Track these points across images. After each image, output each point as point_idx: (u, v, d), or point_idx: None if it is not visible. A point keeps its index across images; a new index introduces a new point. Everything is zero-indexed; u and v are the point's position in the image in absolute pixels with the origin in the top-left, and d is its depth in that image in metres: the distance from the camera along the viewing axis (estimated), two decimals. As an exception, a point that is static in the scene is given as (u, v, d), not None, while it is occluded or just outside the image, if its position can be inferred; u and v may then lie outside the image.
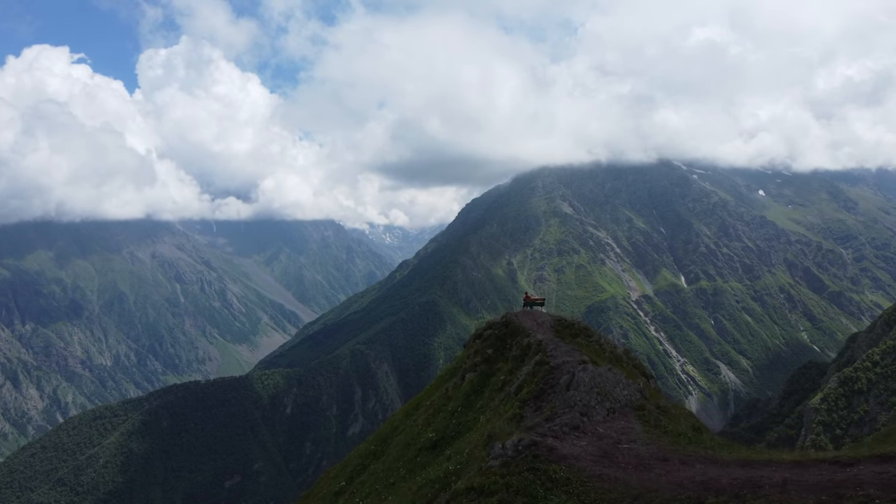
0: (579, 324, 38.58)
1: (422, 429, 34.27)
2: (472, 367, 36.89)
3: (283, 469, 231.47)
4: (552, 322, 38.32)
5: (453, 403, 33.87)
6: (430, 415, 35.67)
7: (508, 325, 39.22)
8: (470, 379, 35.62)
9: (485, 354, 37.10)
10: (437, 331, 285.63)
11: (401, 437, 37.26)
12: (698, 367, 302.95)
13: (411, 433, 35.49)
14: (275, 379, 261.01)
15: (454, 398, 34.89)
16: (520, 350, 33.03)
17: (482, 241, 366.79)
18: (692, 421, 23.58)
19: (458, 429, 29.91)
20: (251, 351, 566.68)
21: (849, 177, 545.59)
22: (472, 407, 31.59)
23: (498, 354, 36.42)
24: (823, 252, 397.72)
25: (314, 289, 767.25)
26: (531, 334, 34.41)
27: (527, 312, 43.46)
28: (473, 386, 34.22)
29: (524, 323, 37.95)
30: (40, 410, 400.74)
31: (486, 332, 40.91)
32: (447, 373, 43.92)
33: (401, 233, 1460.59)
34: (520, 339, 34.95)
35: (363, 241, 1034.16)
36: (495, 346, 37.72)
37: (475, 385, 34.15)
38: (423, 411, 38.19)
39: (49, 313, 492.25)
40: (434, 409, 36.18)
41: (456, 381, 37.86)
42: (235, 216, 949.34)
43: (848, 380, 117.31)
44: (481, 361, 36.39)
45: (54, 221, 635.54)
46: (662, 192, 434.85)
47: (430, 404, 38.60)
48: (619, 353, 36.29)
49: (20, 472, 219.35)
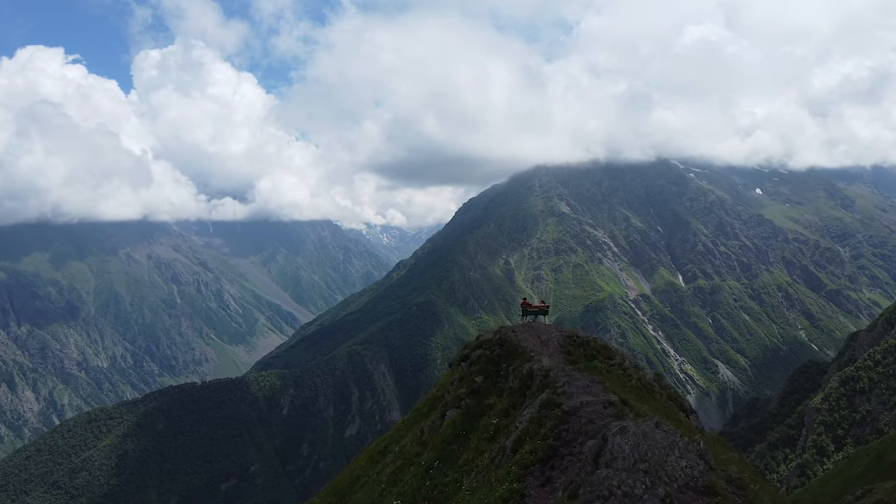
0: (596, 341, 31.55)
1: (385, 489, 28.13)
2: (454, 400, 29.70)
3: (280, 471, 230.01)
4: (561, 339, 31.44)
5: (429, 454, 27.22)
6: (399, 468, 29.26)
7: (504, 344, 31.79)
8: (452, 419, 28.45)
9: (472, 384, 30.06)
10: (435, 331, 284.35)
11: (360, 496, 31.16)
12: (696, 367, 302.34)
13: (372, 494, 29.44)
14: (271, 380, 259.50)
15: (430, 445, 28.12)
16: (519, 380, 26.36)
17: (479, 241, 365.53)
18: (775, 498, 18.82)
19: (432, 495, 23.68)
20: (248, 352, 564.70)
21: (845, 175, 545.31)
22: (452, 462, 25.21)
23: (490, 384, 29.62)
24: (821, 250, 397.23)
25: (311, 289, 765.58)
26: (533, 358, 27.73)
27: (527, 326, 35.49)
28: (456, 428, 27.19)
29: (524, 341, 30.94)
30: (36, 412, 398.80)
31: (475, 352, 33.09)
32: (426, 404, 36.04)
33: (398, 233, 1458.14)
34: (518, 363, 28.12)
35: (360, 242, 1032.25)
36: (486, 371, 30.61)
37: (458, 427, 27.17)
38: (392, 460, 31.53)
39: (45, 315, 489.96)
40: (404, 459, 29.62)
41: (434, 420, 30.58)
42: (232, 217, 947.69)
43: (849, 379, 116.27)
44: (467, 393, 29.44)
45: (50, 223, 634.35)
46: (659, 191, 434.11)
47: (400, 450, 31.85)
48: (647, 379, 29.75)
49: (15, 475, 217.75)
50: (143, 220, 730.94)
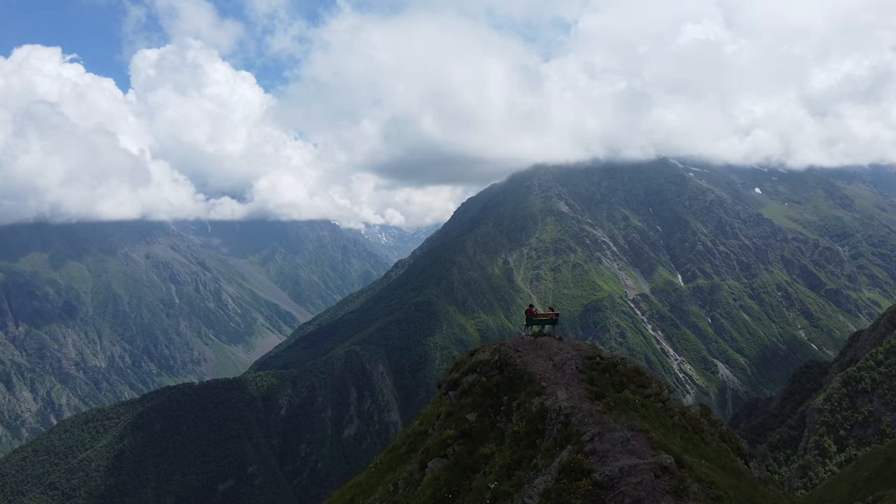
0: (625, 364, 24.82)
1: None
2: (439, 446, 22.09)
3: (278, 471, 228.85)
4: (579, 361, 24.45)
5: None
6: None
7: (505, 368, 24.42)
8: (435, 475, 21.22)
9: (463, 423, 22.56)
10: (433, 331, 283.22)
11: None
12: (696, 366, 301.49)
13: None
14: (269, 380, 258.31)
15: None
16: (526, 422, 19.73)
17: (478, 241, 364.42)
18: None
19: None
20: (246, 352, 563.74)
21: (844, 174, 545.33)
22: None
23: (486, 424, 22.36)
24: (820, 250, 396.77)
25: (310, 289, 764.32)
26: (546, 389, 21.28)
27: (534, 343, 28.34)
28: (439, 489, 20.07)
29: (532, 365, 24.04)
30: (34, 413, 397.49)
31: (467, 378, 25.32)
32: (405, 442, 28.73)
33: (397, 232, 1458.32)
34: (525, 397, 21.33)
35: (359, 241, 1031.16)
36: (482, 406, 23.31)
37: (442, 488, 20.07)
38: None
39: (43, 315, 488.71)
40: None
41: (412, 472, 23.40)
42: (230, 216, 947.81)
43: (851, 379, 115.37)
44: (456, 437, 21.93)
45: (48, 222, 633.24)
46: (658, 191, 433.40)
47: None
48: (693, 414, 23.34)
49: (12, 476, 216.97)
50: (141, 220, 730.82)
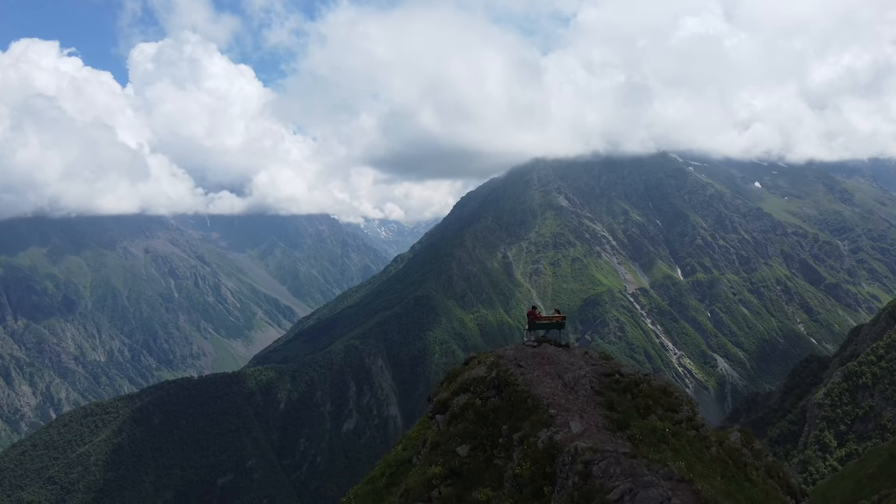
0: (649, 382, 20.45)
1: None
2: (422, 487, 17.92)
3: (277, 466, 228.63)
4: (594, 379, 20.24)
5: None
6: None
7: (504, 389, 20.02)
8: None
9: (452, 459, 18.29)
10: (433, 325, 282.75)
11: None
12: (695, 360, 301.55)
13: None
14: (268, 375, 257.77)
15: None
16: (531, 462, 16.05)
17: (477, 235, 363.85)
18: None
19: None
20: (246, 346, 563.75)
21: (844, 168, 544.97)
22: None
23: (480, 461, 18.10)
24: (820, 244, 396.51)
25: (309, 283, 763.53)
26: (555, 418, 17.28)
27: (539, 355, 23.43)
28: None
29: (537, 385, 19.76)
30: (33, 407, 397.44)
31: (459, 399, 20.72)
32: (384, 472, 24.87)
33: (396, 227, 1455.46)
34: (529, 428, 17.39)
35: (358, 236, 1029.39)
36: (475, 436, 18.87)
37: None
38: None
39: (42, 309, 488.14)
40: None
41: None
42: (229, 210, 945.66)
43: (852, 374, 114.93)
44: (443, 477, 17.80)
45: (47, 217, 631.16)
46: (658, 185, 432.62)
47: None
48: (732, 444, 19.45)
49: (10, 471, 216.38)
50: (140, 214, 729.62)
